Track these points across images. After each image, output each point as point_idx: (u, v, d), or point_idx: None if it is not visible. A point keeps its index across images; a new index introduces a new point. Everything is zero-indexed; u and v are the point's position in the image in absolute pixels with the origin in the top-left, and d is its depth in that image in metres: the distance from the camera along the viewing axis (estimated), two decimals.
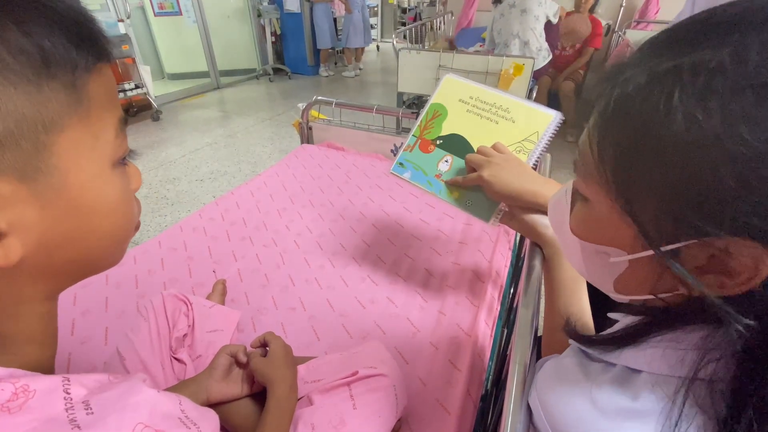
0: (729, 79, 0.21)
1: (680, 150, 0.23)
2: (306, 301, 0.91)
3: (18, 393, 0.21)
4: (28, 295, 0.26)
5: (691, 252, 0.24)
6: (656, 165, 0.24)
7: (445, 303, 0.90)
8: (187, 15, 4.18)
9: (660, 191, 0.24)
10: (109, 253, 0.30)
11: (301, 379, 0.62)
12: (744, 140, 0.20)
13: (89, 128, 0.25)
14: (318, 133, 1.69)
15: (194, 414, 0.29)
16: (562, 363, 0.37)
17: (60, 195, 0.24)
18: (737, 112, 0.21)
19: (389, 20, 7.84)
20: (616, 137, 0.27)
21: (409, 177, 0.77)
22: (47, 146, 0.23)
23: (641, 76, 0.25)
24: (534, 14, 2.49)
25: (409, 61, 2.36)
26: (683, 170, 0.23)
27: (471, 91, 0.78)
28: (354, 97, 4.40)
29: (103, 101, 0.26)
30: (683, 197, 0.23)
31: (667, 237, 0.25)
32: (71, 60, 0.23)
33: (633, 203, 0.26)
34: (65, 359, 0.74)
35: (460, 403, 0.68)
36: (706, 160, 0.22)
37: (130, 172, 0.30)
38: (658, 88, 0.24)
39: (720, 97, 0.21)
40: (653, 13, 3.60)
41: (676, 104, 0.22)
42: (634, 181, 0.26)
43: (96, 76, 0.25)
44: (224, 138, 3.12)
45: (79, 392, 0.23)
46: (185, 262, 1.02)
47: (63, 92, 0.23)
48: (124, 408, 0.24)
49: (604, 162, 0.27)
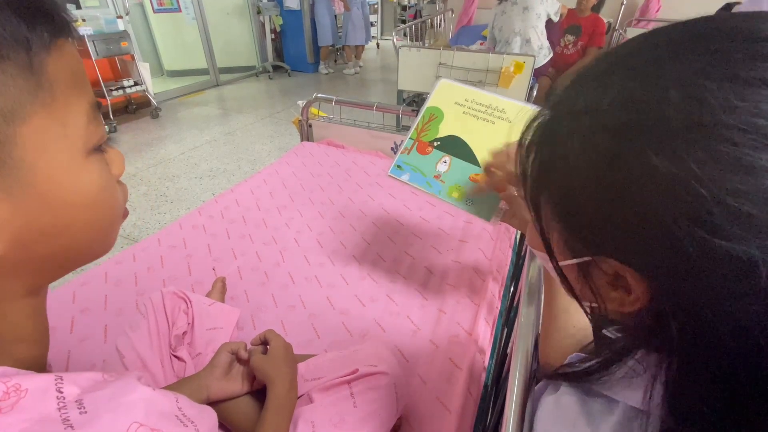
0: (593, 120, 0.23)
1: (567, 177, 0.25)
2: (306, 299, 0.90)
3: (9, 392, 0.21)
4: (10, 292, 0.25)
5: (599, 266, 0.26)
6: (553, 188, 0.27)
7: (445, 301, 0.90)
8: (186, 12, 4.16)
9: (558, 211, 0.27)
10: (94, 244, 0.28)
11: (301, 377, 0.62)
12: (600, 174, 0.22)
13: (55, 115, 0.23)
14: (318, 130, 1.68)
15: (192, 412, 0.28)
16: (561, 402, 0.35)
17: (31, 189, 0.22)
18: (596, 149, 0.23)
19: (389, 18, 7.82)
20: (532, 158, 0.29)
21: (407, 179, 0.77)
22: (10, 138, 0.21)
23: (557, 107, 0.28)
24: (536, 12, 2.48)
25: (409, 59, 2.35)
26: (570, 195, 0.25)
27: (466, 94, 0.78)
28: (354, 94, 4.38)
29: (68, 83, 0.24)
30: (572, 219, 0.26)
31: (571, 252, 0.27)
32: (23, 38, 0.21)
33: (542, 219, 0.29)
34: (65, 357, 0.74)
35: (460, 401, 0.68)
36: (582, 189, 0.24)
37: (110, 158, 0.28)
38: (558, 120, 0.27)
39: (586, 134, 0.23)
40: (654, 11, 3.60)
41: (566, 137, 0.25)
42: (541, 200, 0.29)
43: (56, 54, 0.23)
44: (224, 135, 3.11)
45: (72, 391, 0.23)
46: (185, 260, 1.01)
47: (19, 76, 0.21)
48: (119, 407, 0.23)
49: (525, 180, 0.30)
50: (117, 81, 3.16)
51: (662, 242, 0.20)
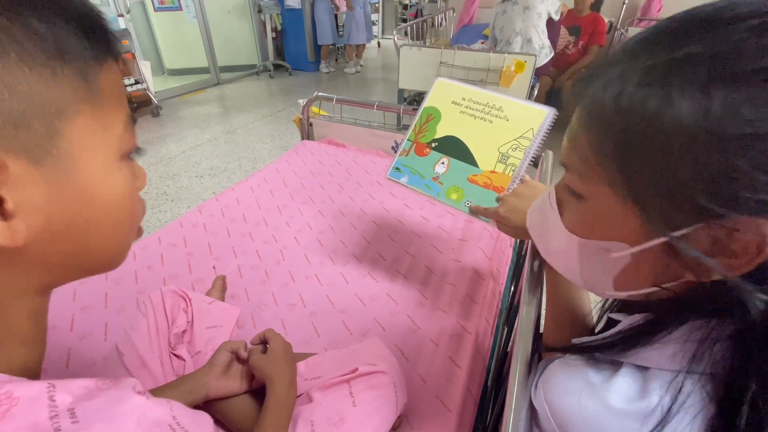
0: (727, 67, 0.22)
1: (685, 138, 0.23)
2: (306, 298, 0.90)
3: (1, 400, 0.21)
4: (21, 288, 0.25)
5: (695, 238, 0.25)
6: (662, 155, 0.25)
7: (445, 300, 0.90)
8: (187, 10, 4.15)
9: (668, 180, 0.25)
10: (108, 249, 0.29)
11: (301, 375, 0.62)
12: (748, 122, 0.21)
13: (100, 119, 0.26)
14: (318, 129, 1.68)
15: (186, 420, 0.28)
16: (569, 363, 0.36)
17: (68, 180, 0.24)
18: (739, 96, 0.22)
19: (390, 17, 7.81)
20: (617, 133, 0.27)
21: (406, 181, 0.77)
22: (59, 131, 0.23)
23: (634, 73, 0.26)
24: (537, 11, 2.47)
25: (410, 58, 2.35)
26: (689, 156, 0.23)
27: (463, 93, 0.78)
28: (355, 93, 4.38)
29: (114, 96, 0.27)
30: (691, 182, 0.24)
31: (674, 224, 0.26)
32: (83, 50, 0.24)
33: (641, 195, 0.27)
34: (64, 355, 0.74)
35: (460, 400, 0.68)
36: (712, 144, 0.22)
37: (136, 170, 0.31)
38: (656, 81, 0.25)
39: (721, 83, 0.22)
40: (656, 10, 3.59)
41: (676, 95, 0.23)
42: (641, 174, 0.26)
43: (106, 69, 0.26)
44: (224, 134, 3.11)
45: (64, 399, 0.23)
46: (185, 258, 1.01)
47: (76, 80, 0.24)
48: (111, 417, 0.23)
49: (606, 158, 0.28)
50: None
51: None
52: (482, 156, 0.73)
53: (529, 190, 0.62)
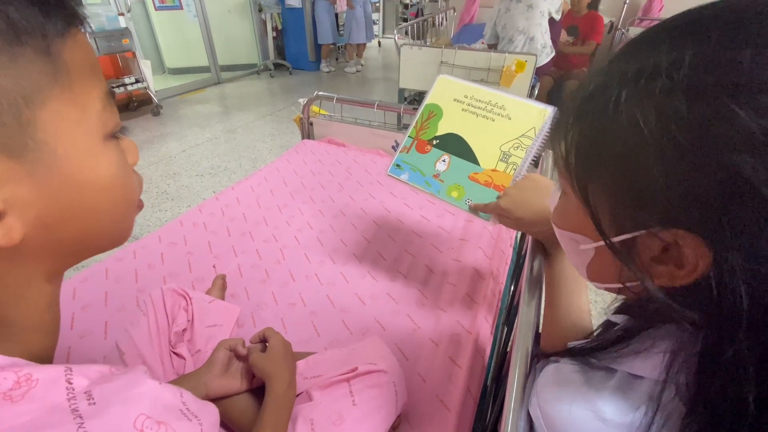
0: (663, 82, 0.22)
1: (624, 148, 0.24)
2: (306, 297, 0.90)
3: (20, 382, 0.21)
4: (31, 276, 0.26)
5: (645, 243, 0.26)
6: (606, 162, 0.26)
7: (445, 300, 0.90)
8: (187, 9, 4.15)
9: (610, 186, 0.26)
10: (110, 230, 0.29)
11: (301, 374, 0.62)
12: (674, 139, 0.22)
13: (73, 100, 0.24)
14: (319, 128, 1.68)
15: (195, 406, 0.29)
16: (562, 370, 0.36)
17: (53, 170, 0.23)
18: (670, 113, 0.22)
19: (391, 16, 7.80)
20: (576, 135, 0.29)
21: (406, 178, 0.76)
22: (32, 121, 0.22)
23: (601, 78, 0.27)
24: (540, 10, 2.46)
25: (410, 57, 2.35)
26: (627, 167, 0.24)
27: (465, 90, 0.77)
28: (355, 92, 4.37)
29: (84, 70, 0.25)
30: (629, 191, 0.25)
31: (620, 228, 0.27)
32: (39, 25, 0.22)
33: (589, 196, 0.28)
34: (65, 353, 0.74)
35: (459, 399, 0.68)
36: (644, 157, 0.23)
37: (125, 146, 0.29)
38: (608, 90, 0.25)
39: (655, 98, 0.23)
40: (657, 10, 3.58)
41: (621, 106, 0.24)
42: (590, 176, 0.28)
43: (71, 42, 0.24)
44: (225, 133, 3.11)
45: (81, 382, 0.23)
46: (185, 257, 1.01)
47: (38, 61, 0.22)
48: (127, 399, 0.24)
49: (568, 157, 0.30)
50: (118, 78, 3.16)
51: (746, 206, 0.20)
52: (484, 154, 0.72)
53: (530, 183, 0.62)
